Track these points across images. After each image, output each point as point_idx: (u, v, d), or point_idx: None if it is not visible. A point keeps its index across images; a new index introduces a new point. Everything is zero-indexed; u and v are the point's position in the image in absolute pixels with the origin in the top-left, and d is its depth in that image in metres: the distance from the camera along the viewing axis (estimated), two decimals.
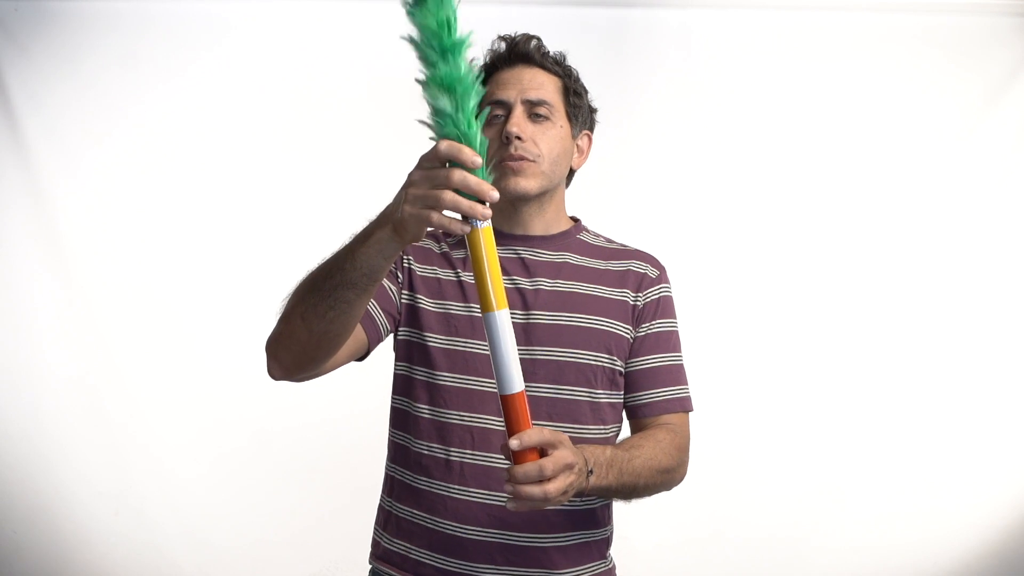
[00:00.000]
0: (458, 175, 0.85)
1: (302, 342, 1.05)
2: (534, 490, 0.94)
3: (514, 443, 0.94)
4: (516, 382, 0.95)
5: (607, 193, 2.26)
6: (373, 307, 1.19)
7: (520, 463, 0.95)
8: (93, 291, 2.41)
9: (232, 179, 2.43)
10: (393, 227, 0.91)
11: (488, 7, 2.37)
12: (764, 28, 2.47)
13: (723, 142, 2.46)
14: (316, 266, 1.03)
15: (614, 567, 1.28)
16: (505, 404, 0.96)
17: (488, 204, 0.88)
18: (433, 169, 0.87)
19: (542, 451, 0.96)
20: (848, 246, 2.46)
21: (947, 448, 2.44)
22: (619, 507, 1.22)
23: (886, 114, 2.46)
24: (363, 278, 0.97)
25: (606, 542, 1.26)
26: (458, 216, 0.89)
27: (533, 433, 0.95)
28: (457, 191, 0.86)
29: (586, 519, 1.21)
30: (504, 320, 0.94)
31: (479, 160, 0.86)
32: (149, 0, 2.40)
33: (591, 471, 1.03)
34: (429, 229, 0.91)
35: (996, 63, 2.44)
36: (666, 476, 1.18)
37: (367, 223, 0.97)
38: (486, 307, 0.93)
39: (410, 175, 0.89)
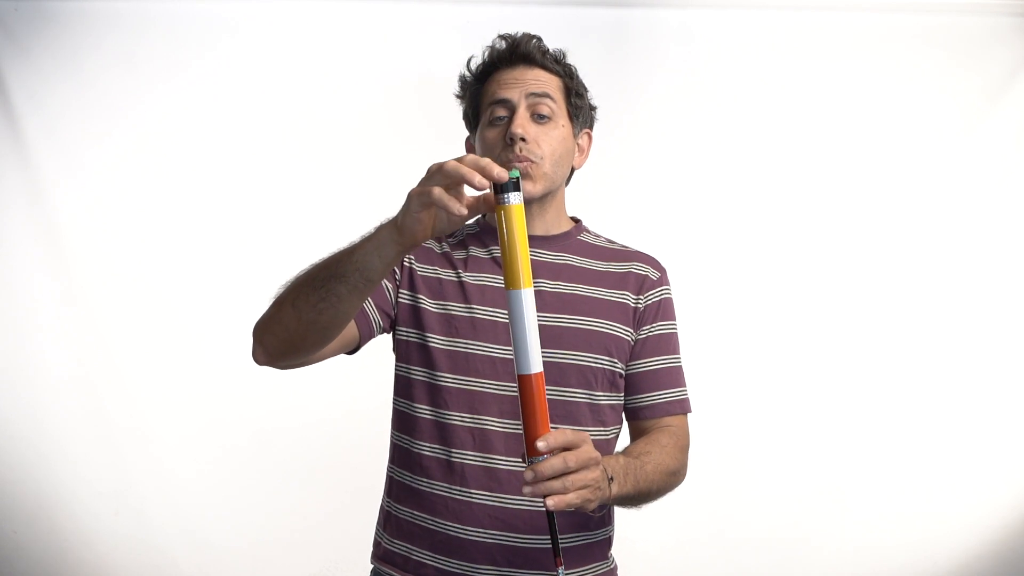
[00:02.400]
0: (451, 163, 0.88)
1: (290, 330, 1.05)
2: (555, 484, 0.93)
3: (541, 444, 0.93)
4: (535, 362, 0.94)
5: (607, 193, 2.25)
6: (367, 302, 1.19)
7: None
8: (93, 291, 2.41)
9: (232, 179, 2.43)
10: (395, 225, 0.93)
11: (488, 7, 2.38)
12: (764, 28, 2.47)
13: (723, 142, 2.46)
14: (320, 259, 1.04)
15: (616, 568, 1.28)
16: (522, 384, 0.94)
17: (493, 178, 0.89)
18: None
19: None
20: (849, 246, 2.46)
21: (946, 449, 2.44)
22: (620, 508, 1.22)
23: (887, 114, 2.46)
24: (355, 273, 0.98)
25: (607, 543, 1.26)
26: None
27: (559, 435, 0.94)
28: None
29: (587, 520, 1.21)
30: (529, 299, 0.93)
31: (505, 174, 0.89)
32: (149, 0, 2.40)
33: (611, 478, 1.03)
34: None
35: (996, 63, 2.45)
36: (673, 478, 1.19)
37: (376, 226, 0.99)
38: (512, 284, 0.92)
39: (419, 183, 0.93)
